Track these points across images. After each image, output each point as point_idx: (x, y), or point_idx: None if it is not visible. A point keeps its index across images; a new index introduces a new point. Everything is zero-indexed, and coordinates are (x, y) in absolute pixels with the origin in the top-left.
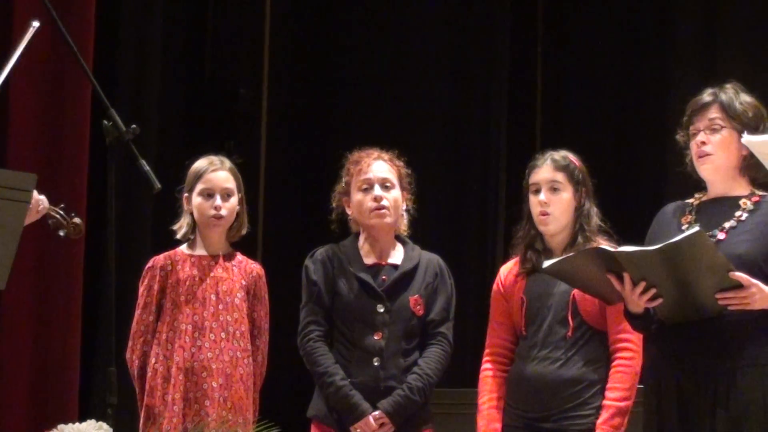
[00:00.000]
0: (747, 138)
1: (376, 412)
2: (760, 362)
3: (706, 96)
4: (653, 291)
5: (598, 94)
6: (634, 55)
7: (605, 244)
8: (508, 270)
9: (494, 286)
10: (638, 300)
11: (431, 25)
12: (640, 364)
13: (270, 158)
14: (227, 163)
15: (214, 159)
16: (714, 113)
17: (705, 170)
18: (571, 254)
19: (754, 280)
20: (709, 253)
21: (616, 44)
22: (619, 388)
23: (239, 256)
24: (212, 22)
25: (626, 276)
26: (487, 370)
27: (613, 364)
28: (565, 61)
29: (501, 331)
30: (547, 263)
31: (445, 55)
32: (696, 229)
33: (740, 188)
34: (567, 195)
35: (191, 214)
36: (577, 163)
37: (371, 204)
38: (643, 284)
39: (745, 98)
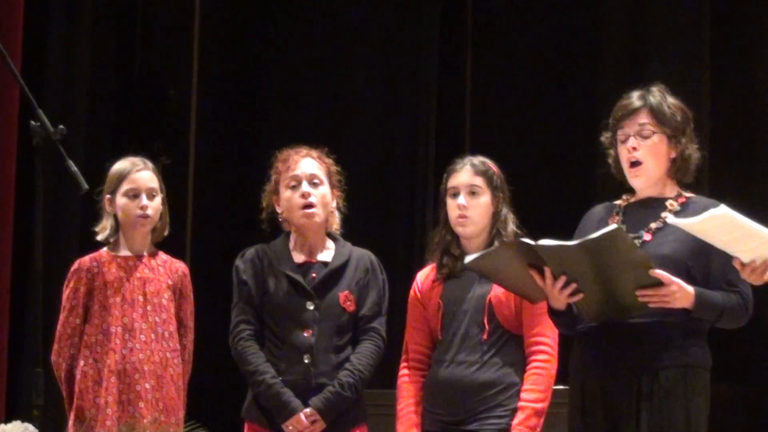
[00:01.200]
0: (677, 220)
1: (307, 410)
2: (683, 363)
3: (636, 100)
4: (574, 286)
5: (527, 97)
6: (562, 59)
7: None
8: (425, 275)
9: (411, 292)
10: (559, 295)
11: (361, 25)
12: (556, 367)
13: (199, 159)
14: (149, 163)
15: (136, 160)
16: (644, 119)
17: (637, 181)
18: (492, 248)
19: (675, 278)
20: (627, 249)
21: (544, 48)
22: (535, 389)
23: (163, 256)
24: (141, 22)
25: (547, 270)
26: (404, 375)
27: (529, 366)
28: (494, 63)
29: (418, 337)
30: (469, 258)
31: (374, 54)
32: (614, 226)
33: (668, 190)
34: (485, 199)
35: (114, 215)
36: (495, 169)
37: (299, 201)
38: (563, 278)
39: (672, 101)
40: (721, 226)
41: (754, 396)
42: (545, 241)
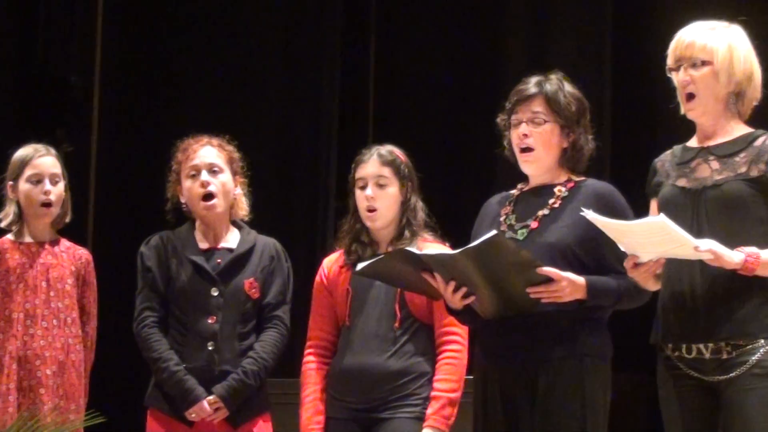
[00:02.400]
0: (591, 215)
1: (211, 397)
2: (578, 353)
3: (532, 87)
4: (465, 289)
5: (431, 86)
6: (466, 49)
7: (430, 239)
8: (331, 262)
9: (316, 278)
10: (452, 298)
11: (263, 13)
12: (467, 357)
13: (101, 146)
14: (52, 150)
15: (39, 146)
16: (538, 106)
17: (527, 166)
18: (380, 256)
19: (563, 273)
20: (511, 253)
21: (448, 37)
22: (448, 379)
23: (66, 242)
24: (43, 8)
25: (437, 275)
26: (309, 362)
27: (441, 356)
28: (398, 52)
29: (323, 323)
30: (360, 266)
31: (277, 41)
32: (494, 232)
33: (559, 177)
34: (393, 190)
35: (17, 202)
36: (403, 158)
37: (199, 190)
38: (453, 284)
39: (569, 90)
40: (647, 232)
41: (656, 385)
42: (430, 250)
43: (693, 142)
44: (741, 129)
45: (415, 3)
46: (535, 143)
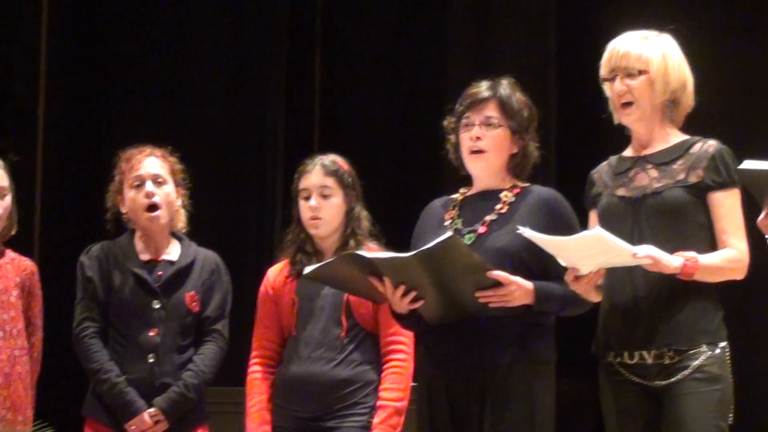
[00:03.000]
0: (528, 232)
1: (151, 409)
2: (526, 358)
3: (485, 90)
4: (414, 293)
5: (375, 95)
6: (409, 57)
7: (375, 248)
8: (276, 272)
9: (262, 288)
10: (400, 302)
11: (209, 24)
12: (413, 365)
13: (47, 156)
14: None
15: None
16: (491, 110)
17: (477, 167)
18: (330, 260)
19: (513, 278)
20: (464, 255)
21: (392, 46)
22: (395, 388)
23: (11, 254)
24: None
25: (386, 280)
26: (255, 372)
27: (387, 365)
28: (343, 61)
29: (268, 333)
30: (308, 269)
31: (222, 53)
32: (449, 234)
33: (504, 182)
34: (337, 200)
35: None
36: (346, 168)
37: (143, 201)
38: (402, 287)
39: (520, 96)
40: (585, 245)
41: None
42: (381, 254)
43: (629, 152)
44: (677, 136)
45: (360, 12)
46: (487, 146)
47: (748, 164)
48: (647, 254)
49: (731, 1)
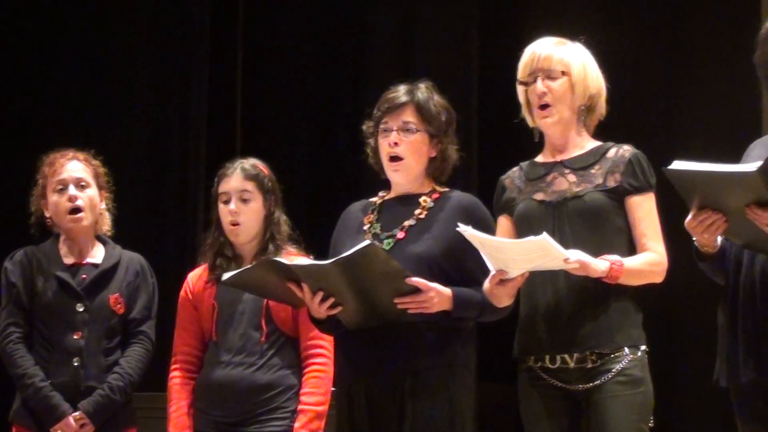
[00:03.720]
0: (468, 231)
1: (77, 413)
2: (445, 363)
3: (403, 95)
4: (332, 300)
5: (298, 98)
6: (332, 61)
7: (294, 253)
8: (196, 276)
9: (181, 293)
10: (319, 308)
11: (132, 31)
12: (333, 370)
13: None
14: None
15: None
16: (409, 115)
17: (396, 174)
18: (248, 267)
19: (431, 284)
20: (382, 262)
21: (313, 51)
22: (315, 392)
23: None
24: None
25: (305, 286)
26: (175, 377)
27: (307, 369)
28: (266, 65)
29: (188, 338)
30: (225, 276)
31: (144, 56)
32: (368, 241)
33: (424, 187)
34: (257, 204)
35: None
36: (266, 172)
37: (67, 204)
38: (321, 294)
39: (438, 100)
40: (525, 249)
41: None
42: (300, 261)
43: (541, 158)
44: (591, 142)
45: (282, 15)
46: (405, 152)
47: (677, 165)
48: (577, 258)
49: (646, 8)
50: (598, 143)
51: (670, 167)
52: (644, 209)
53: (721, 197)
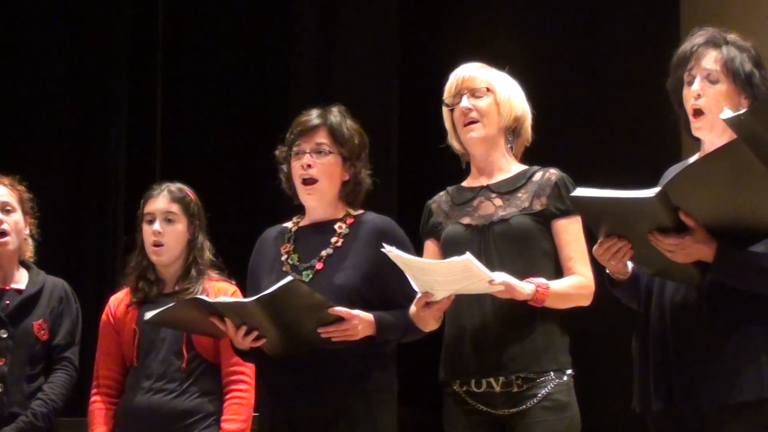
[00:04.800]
0: (393, 252)
1: None
2: (368, 389)
3: (315, 118)
4: (255, 333)
5: (218, 125)
6: (252, 85)
7: (216, 278)
8: (118, 300)
9: (103, 317)
10: (242, 341)
11: (50, 54)
12: (254, 396)
13: None
14: None
15: None
16: (322, 137)
17: (310, 198)
18: (171, 305)
19: (354, 312)
20: (305, 296)
21: (235, 76)
22: (236, 419)
23: None
24: None
25: (228, 321)
26: (96, 402)
27: (228, 396)
28: (186, 88)
29: (110, 363)
30: (148, 314)
31: (64, 81)
32: (289, 278)
33: (337, 211)
34: (181, 227)
35: None
36: (192, 197)
37: None
38: (245, 328)
39: (351, 123)
40: (449, 271)
41: (441, 420)
42: (222, 299)
43: (468, 182)
44: (517, 166)
45: (202, 38)
46: (319, 174)
47: (580, 192)
48: (502, 281)
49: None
50: (524, 167)
51: (573, 194)
52: (570, 232)
53: (625, 223)
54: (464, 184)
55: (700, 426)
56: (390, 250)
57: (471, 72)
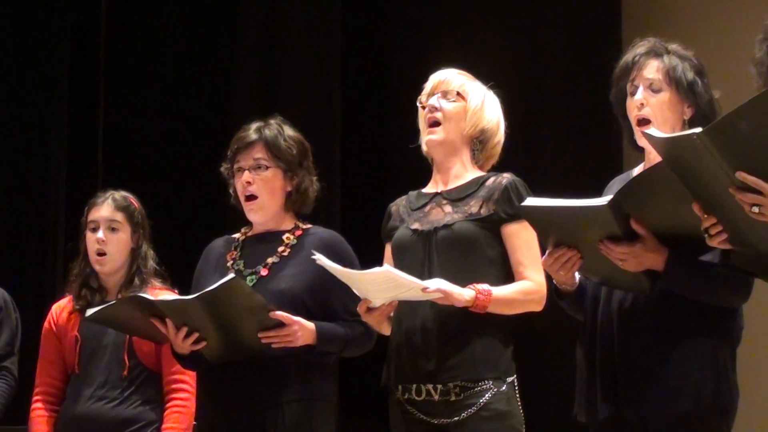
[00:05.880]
0: (322, 260)
1: None
2: (307, 396)
3: (252, 133)
4: (196, 335)
5: (160, 133)
6: (195, 95)
7: (159, 287)
8: (61, 308)
9: (45, 324)
10: (182, 344)
11: None
12: (195, 404)
13: None
14: None
15: None
16: (259, 152)
17: (252, 214)
18: (111, 302)
19: (295, 318)
20: (246, 296)
21: (178, 86)
22: (176, 427)
23: None
24: None
25: (168, 322)
26: (38, 410)
27: (169, 404)
28: (128, 96)
29: (51, 370)
30: (89, 312)
31: (2, 86)
32: (231, 276)
33: (286, 223)
34: (125, 235)
35: None
36: (136, 205)
37: None
38: (185, 329)
39: (290, 134)
40: (374, 281)
41: (383, 429)
42: (164, 297)
43: (429, 188)
44: (475, 174)
45: (144, 46)
46: (259, 190)
47: (531, 201)
48: (437, 288)
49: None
50: (481, 174)
51: (524, 203)
52: (521, 237)
53: (575, 233)
54: (425, 189)
55: None
56: (319, 258)
57: (448, 75)
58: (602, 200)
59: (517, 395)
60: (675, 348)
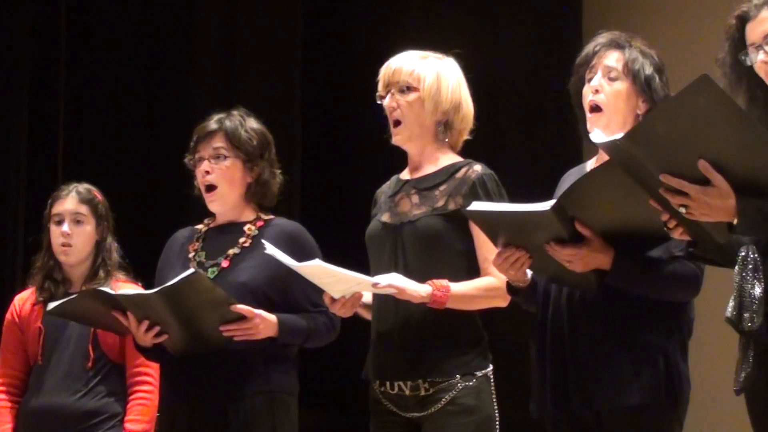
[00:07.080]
0: (270, 249)
1: None
2: (268, 389)
3: (212, 123)
4: (158, 328)
5: (122, 125)
6: (157, 85)
7: (123, 279)
8: (23, 299)
9: (8, 316)
10: (144, 337)
11: None
12: (158, 397)
13: None
14: None
15: None
16: (219, 142)
17: (212, 204)
18: (72, 296)
19: (257, 311)
20: (207, 290)
21: (138, 74)
22: (140, 420)
23: None
24: None
25: (130, 315)
26: (0, 401)
27: (132, 396)
28: (89, 89)
29: (14, 362)
30: (51, 305)
31: None
32: (192, 270)
33: (246, 214)
34: (89, 228)
35: None
36: (100, 198)
37: None
38: (146, 323)
39: (252, 125)
40: (314, 273)
41: (345, 421)
42: (124, 291)
43: (404, 174)
44: (448, 159)
45: (104, 38)
46: (218, 179)
47: (476, 206)
48: (389, 283)
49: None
50: (455, 160)
51: (469, 208)
52: None
53: (521, 235)
54: (402, 175)
55: (597, 429)
56: (269, 247)
57: (399, 63)
58: (545, 205)
59: (492, 389)
60: (625, 342)
